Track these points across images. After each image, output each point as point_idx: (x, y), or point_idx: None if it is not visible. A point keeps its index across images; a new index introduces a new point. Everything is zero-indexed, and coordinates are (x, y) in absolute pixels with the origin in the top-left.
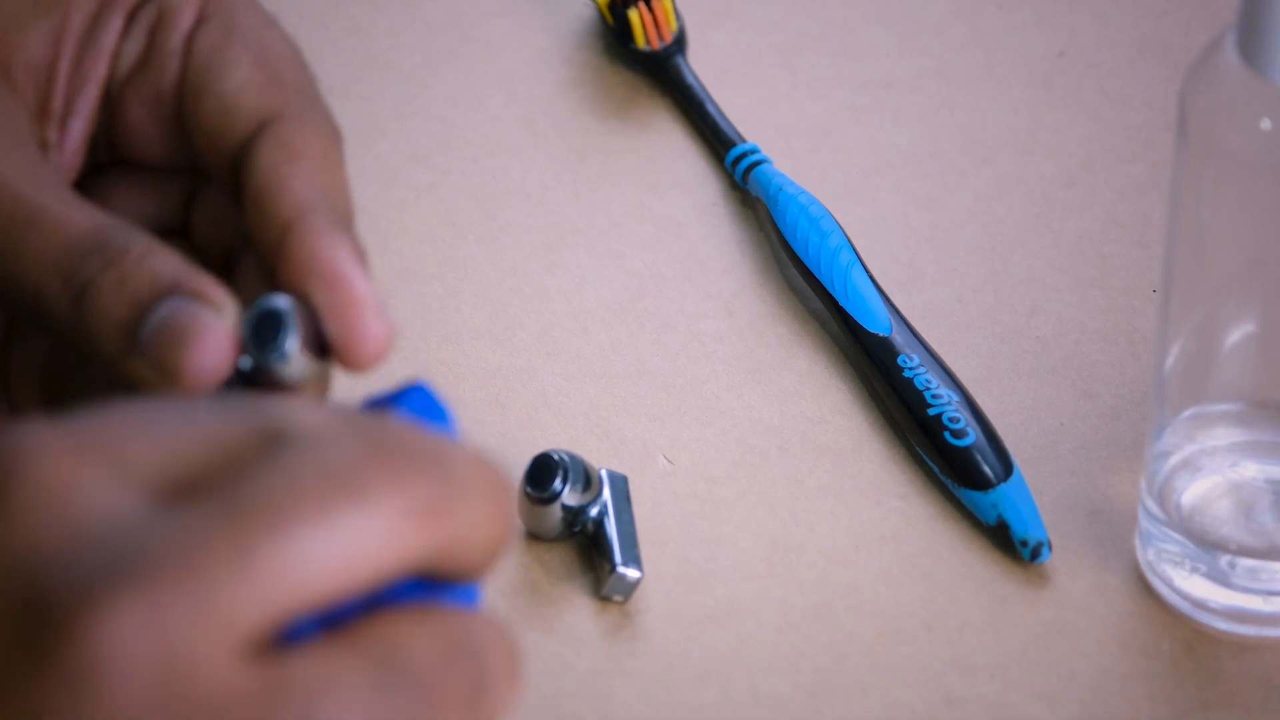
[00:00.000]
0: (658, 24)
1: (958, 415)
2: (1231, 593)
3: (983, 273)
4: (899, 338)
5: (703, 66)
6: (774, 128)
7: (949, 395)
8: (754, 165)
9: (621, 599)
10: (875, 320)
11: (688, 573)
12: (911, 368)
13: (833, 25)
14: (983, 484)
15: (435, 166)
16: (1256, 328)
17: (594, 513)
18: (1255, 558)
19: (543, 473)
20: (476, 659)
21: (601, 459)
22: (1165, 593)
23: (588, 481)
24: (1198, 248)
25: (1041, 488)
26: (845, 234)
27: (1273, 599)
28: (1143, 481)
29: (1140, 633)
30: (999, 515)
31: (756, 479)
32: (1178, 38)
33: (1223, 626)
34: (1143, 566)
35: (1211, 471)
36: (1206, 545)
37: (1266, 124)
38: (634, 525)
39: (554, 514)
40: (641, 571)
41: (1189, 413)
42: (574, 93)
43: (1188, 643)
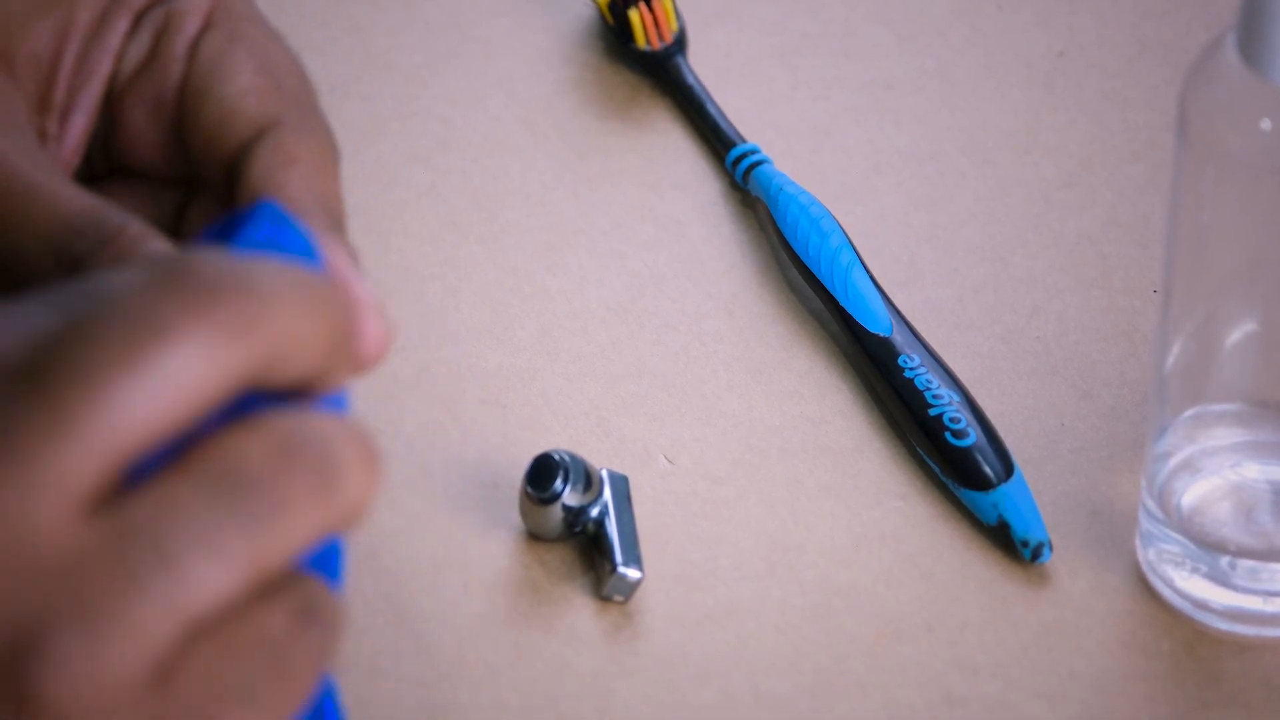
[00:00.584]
0: (658, 24)
1: (958, 415)
2: (1232, 593)
3: (983, 273)
4: (899, 338)
5: (703, 67)
6: (774, 128)
7: (950, 395)
8: (754, 165)
9: (622, 599)
10: (876, 320)
11: (688, 573)
12: (912, 368)
13: (833, 25)
14: (983, 484)
15: (436, 166)
16: (1257, 327)
17: (595, 513)
18: (1255, 559)
19: (544, 473)
20: (318, 450)
21: (602, 459)
22: (1166, 593)
23: (588, 482)
24: (1198, 248)
25: (1042, 488)
26: (846, 234)
27: (1273, 599)
28: (1143, 482)
29: (1141, 633)
30: (1000, 515)
31: (757, 479)
32: (1178, 38)
33: (1223, 627)
34: (1143, 567)
35: (1212, 472)
36: (1207, 546)
37: (1266, 124)
38: (635, 525)
39: (555, 514)
40: (642, 571)
41: (1190, 413)
42: (574, 93)
43: (1188, 643)
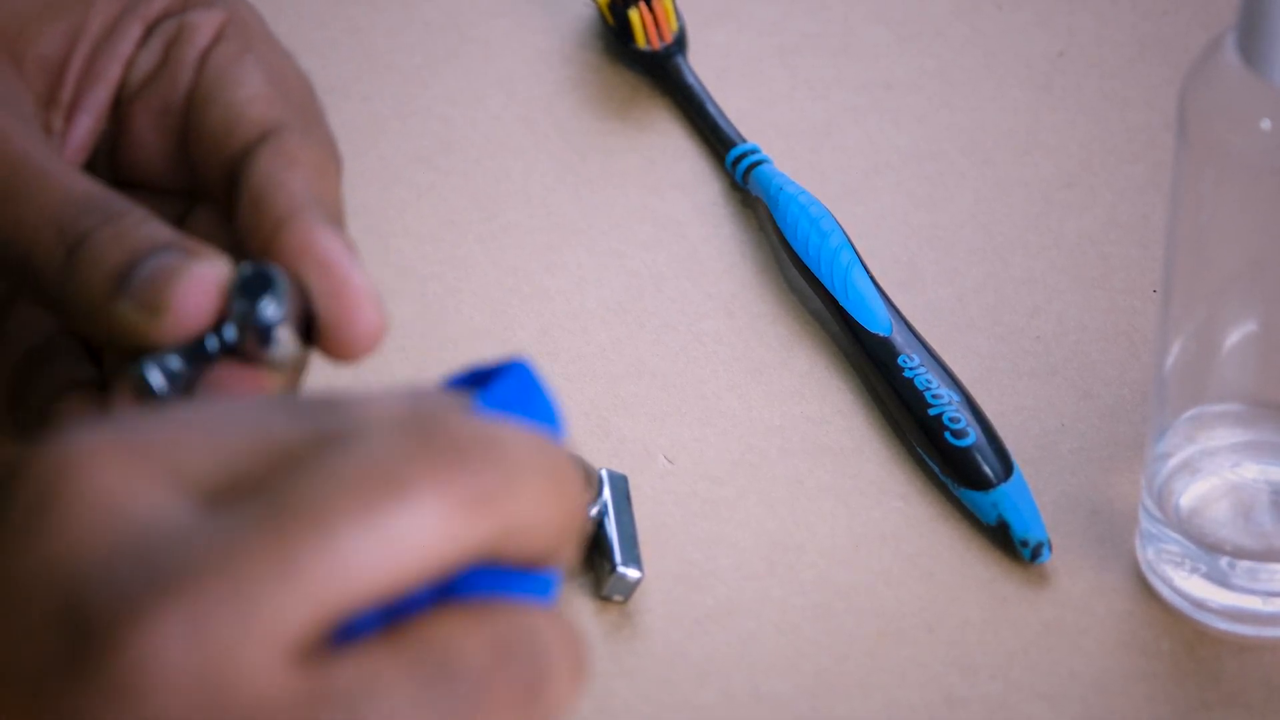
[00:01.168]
0: (658, 24)
1: (958, 415)
2: (1231, 593)
3: (983, 273)
4: (899, 338)
5: (703, 66)
6: (774, 128)
7: (949, 395)
8: (754, 165)
9: (622, 599)
10: (876, 320)
11: (688, 572)
12: (912, 368)
13: (833, 25)
14: (983, 484)
15: (436, 167)
16: (1257, 328)
17: (594, 513)
18: (1254, 559)
19: None
20: (532, 656)
21: (602, 459)
22: (1165, 593)
23: (588, 481)
24: (1198, 248)
25: (1042, 488)
26: (846, 234)
27: (1272, 599)
28: (1143, 482)
29: (1140, 633)
30: (999, 515)
31: (757, 479)
32: (1178, 38)
33: (1223, 626)
34: (1143, 566)
35: (1211, 473)
36: (1206, 546)
37: (1267, 124)
38: (634, 525)
39: None
40: (642, 571)
41: (1190, 414)
42: (574, 93)
43: (1188, 643)
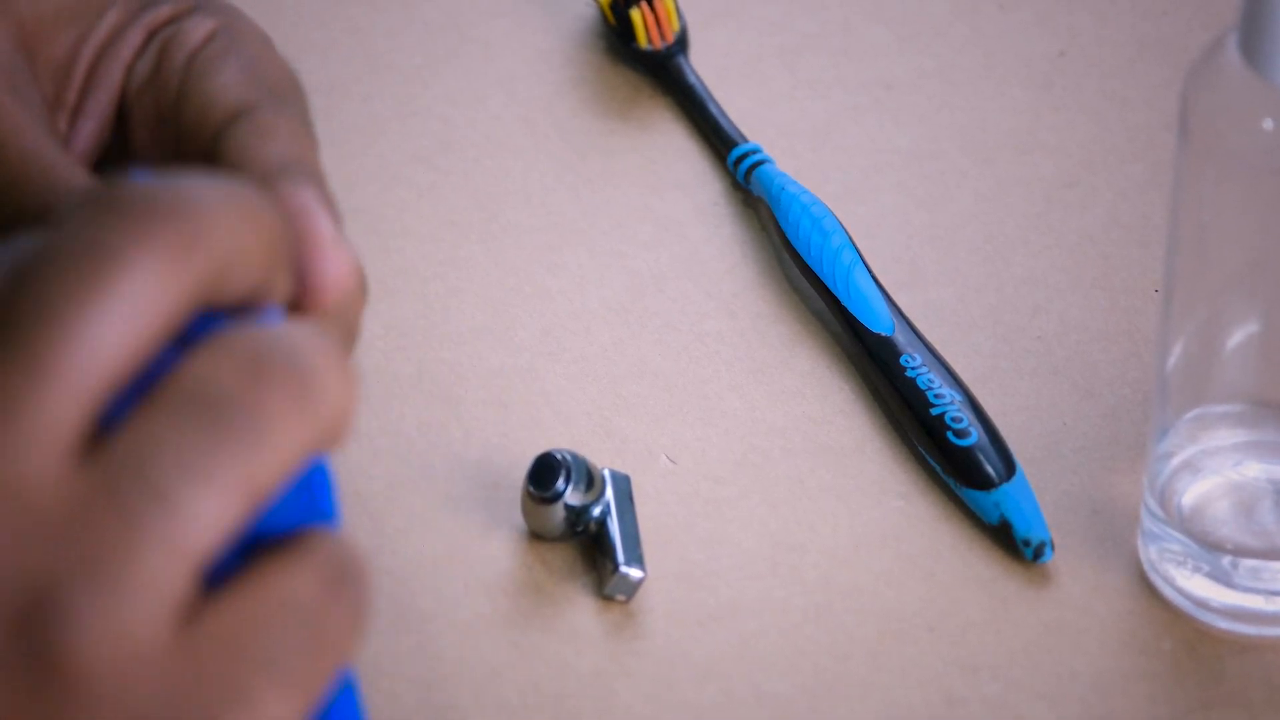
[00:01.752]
0: (659, 24)
1: (960, 415)
2: (1234, 592)
3: (984, 273)
4: (901, 337)
5: (704, 66)
6: (775, 128)
7: (951, 395)
8: (756, 165)
9: (624, 598)
10: (877, 320)
11: (690, 572)
12: (914, 367)
13: (833, 25)
14: (985, 484)
15: (436, 167)
16: (1259, 327)
17: (597, 512)
18: (1256, 558)
19: (546, 472)
20: (288, 360)
21: (604, 459)
22: (1167, 592)
23: (590, 481)
24: (1199, 248)
25: (1044, 487)
26: (847, 234)
27: (1274, 598)
28: (1145, 481)
29: (1142, 632)
30: (1001, 515)
31: (759, 479)
32: (1178, 38)
33: (1225, 626)
34: (1145, 566)
35: (1212, 472)
36: (1208, 545)
37: (1268, 124)
38: (637, 525)
39: (557, 514)
40: (644, 571)
41: (1192, 413)
42: (575, 93)
43: (1190, 642)
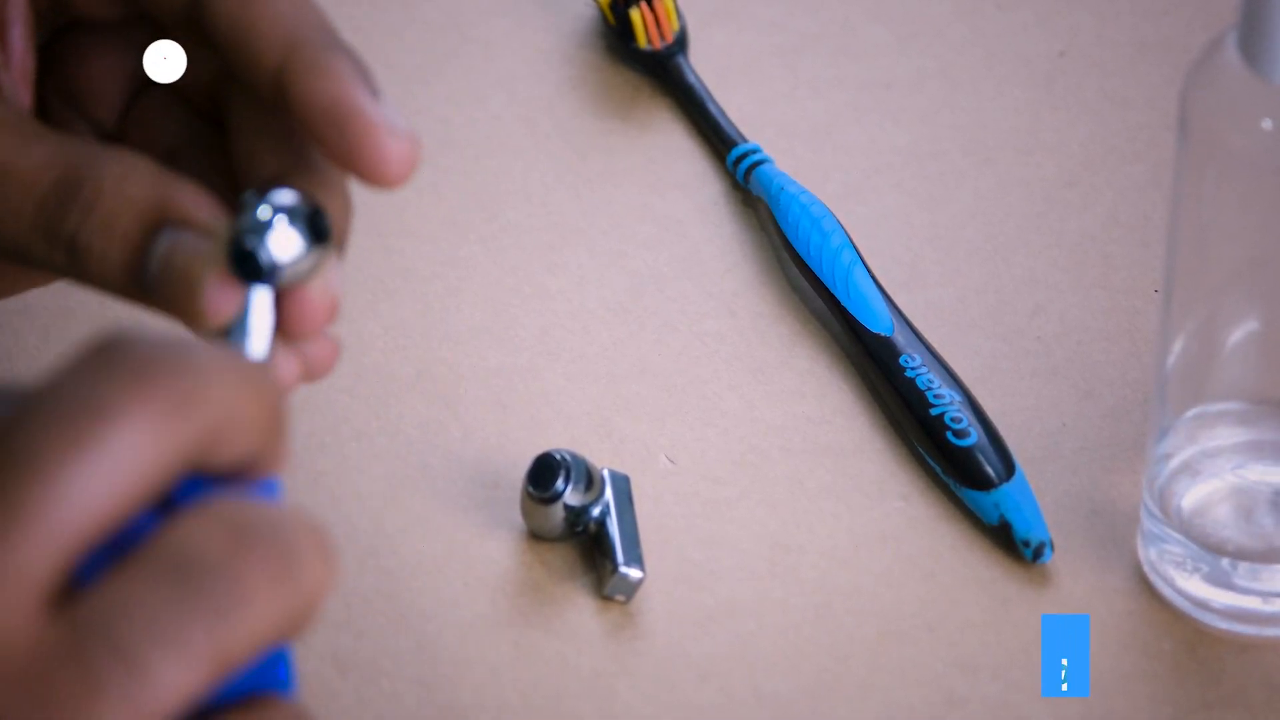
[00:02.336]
0: (659, 23)
1: (960, 415)
2: (1233, 593)
3: (984, 273)
4: (901, 338)
5: (704, 66)
6: (775, 127)
7: (951, 395)
8: (755, 165)
9: (624, 599)
10: (877, 320)
11: (689, 573)
12: (913, 368)
13: (833, 25)
14: (985, 484)
15: (436, 166)
16: (1258, 326)
17: (596, 512)
18: (1256, 559)
19: (545, 472)
20: (274, 538)
21: (603, 459)
22: (1167, 593)
23: (590, 481)
24: (1199, 247)
25: (1043, 488)
26: (847, 234)
27: (1273, 599)
28: (1144, 482)
29: (1142, 633)
30: (1001, 515)
31: (758, 479)
32: (1178, 38)
33: (1224, 626)
34: (1144, 566)
35: (1212, 474)
36: (1207, 547)
37: (1268, 124)
38: (636, 525)
39: (556, 514)
40: (644, 571)
41: (1191, 413)
42: (575, 92)
43: (1189, 643)
